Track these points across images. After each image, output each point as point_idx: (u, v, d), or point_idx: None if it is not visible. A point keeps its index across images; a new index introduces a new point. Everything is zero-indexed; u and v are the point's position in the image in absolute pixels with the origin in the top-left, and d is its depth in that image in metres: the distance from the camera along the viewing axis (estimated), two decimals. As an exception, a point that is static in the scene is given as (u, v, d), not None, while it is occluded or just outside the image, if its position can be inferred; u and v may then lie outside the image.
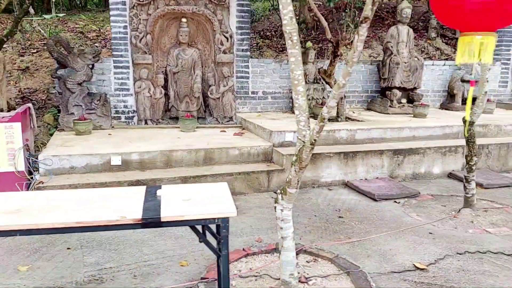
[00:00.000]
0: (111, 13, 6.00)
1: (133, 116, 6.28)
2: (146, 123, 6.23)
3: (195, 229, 2.01)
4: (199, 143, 5.10)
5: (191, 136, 5.58)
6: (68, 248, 3.30)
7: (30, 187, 4.15)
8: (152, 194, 2.15)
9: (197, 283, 2.77)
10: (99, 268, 2.99)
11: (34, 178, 4.23)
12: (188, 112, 6.20)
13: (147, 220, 1.82)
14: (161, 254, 3.22)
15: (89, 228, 1.77)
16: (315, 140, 2.37)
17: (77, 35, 8.07)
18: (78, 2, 11.76)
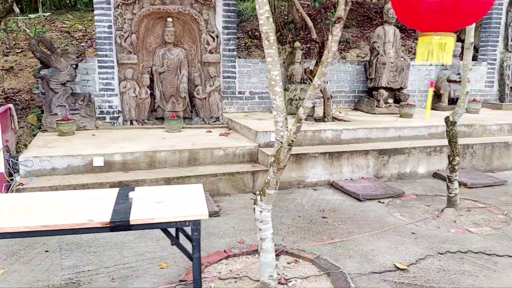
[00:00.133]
0: (96, 12, 5.93)
1: (118, 116, 6.21)
2: (131, 123, 6.17)
3: (167, 232, 1.98)
4: (184, 143, 5.06)
5: (176, 136, 5.53)
6: (47, 251, 3.25)
7: (10, 189, 4.08)
8: (124, 196, 2.11)
9: (175, 285, 2.74)
10: (77, 271, 2.95)
11: (14, 180, 4.17)
12: (174, 112, 6.15)
13: (115, 223, 1.78)
14: (141, 256, 3.18)
15: (55, 232, 1.72)
16: (292, 140, 2.35)
17: (63, 35, 7.99)
18: (67, 1, 11.63)
